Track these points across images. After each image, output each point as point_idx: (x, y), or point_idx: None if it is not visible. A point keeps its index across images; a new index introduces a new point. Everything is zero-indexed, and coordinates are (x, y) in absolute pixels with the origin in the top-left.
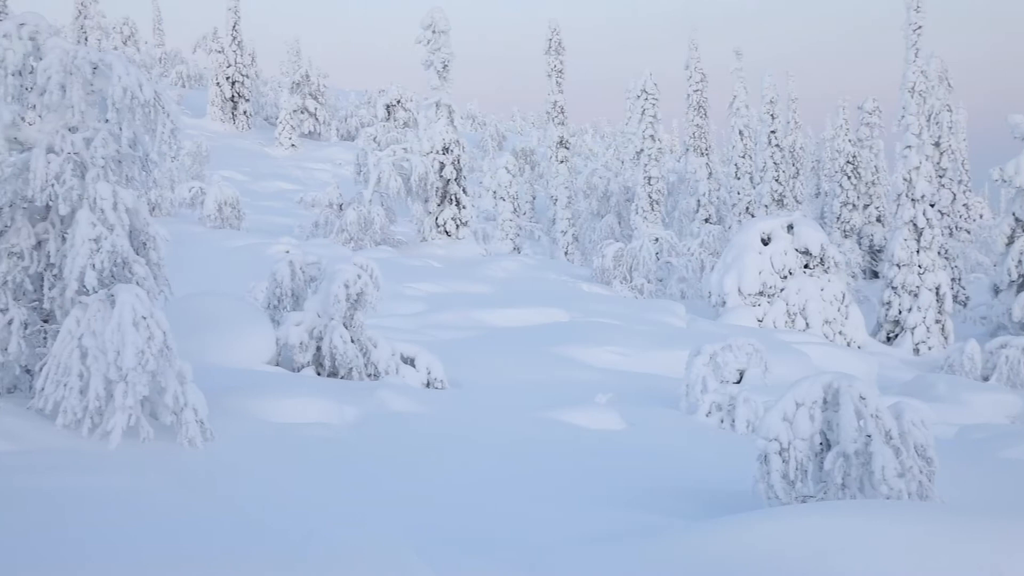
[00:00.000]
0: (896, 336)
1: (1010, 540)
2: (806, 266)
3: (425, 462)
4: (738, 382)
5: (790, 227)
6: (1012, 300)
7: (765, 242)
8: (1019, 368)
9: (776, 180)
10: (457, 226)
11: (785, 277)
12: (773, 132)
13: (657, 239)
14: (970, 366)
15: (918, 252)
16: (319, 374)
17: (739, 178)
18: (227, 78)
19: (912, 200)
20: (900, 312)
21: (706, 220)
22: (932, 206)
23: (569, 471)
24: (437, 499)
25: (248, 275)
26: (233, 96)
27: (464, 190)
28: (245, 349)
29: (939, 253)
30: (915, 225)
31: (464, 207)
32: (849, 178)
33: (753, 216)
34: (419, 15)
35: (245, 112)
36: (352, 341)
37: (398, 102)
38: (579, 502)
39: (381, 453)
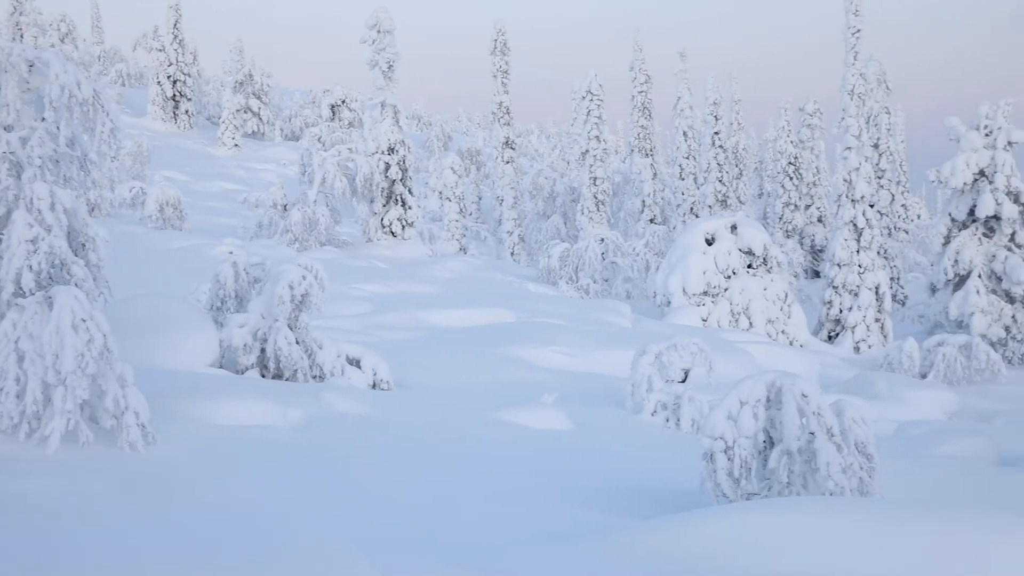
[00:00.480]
0: (837, 335)
1: (948, 534)
2: (749, 266)
3: (371, 464)
4: (683, 381)
5: (733, 227)
6: (948, 299)
7: (709, 242)
8: (955, 366)
9: (720, 181)
10: (403, 227)
11: (729, 277)
12: (717, 133)
13: (603, 239)
14: (908, 364)
15: (858, 252)
16: (263, 376)
17: (683, 179)
18: (168, 77)
19: (852, 201)
20: (841, 311)
21: (651, 220)
22: (871, 206)
23: (517, 471)
24: (384, 500)
25: (191, 276)
26: (175, 95)
27: (410, 190)
28: (188, 351)
29: (878, 253)
30: (855, 225)
31: (410, 207)
32: (791, 179)
33: (697, 216)
34: (364, 15)
35: (187, 111)
36: (297, 342)
37: (343, 102)
38: (528, 502)
39: (327, 455)
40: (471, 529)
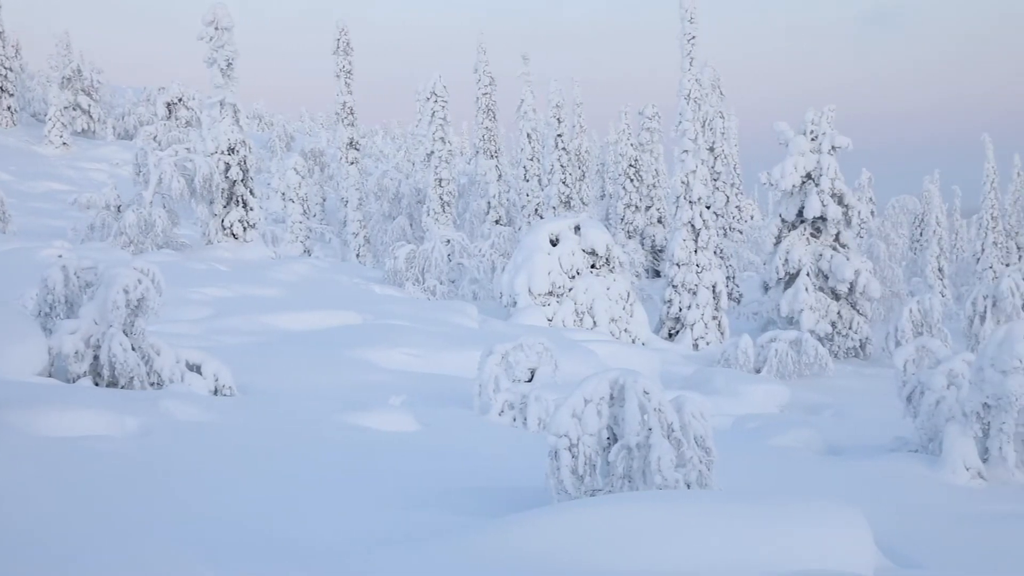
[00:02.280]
0: (677, 332)
1: (775, 521)
2: (593, 266)
3: (215, 471)
4: (529, 381)
5: (577, 228)
6: (780, 296)
7: (553, 243)
8: (787, 360)
9: (563, 183)
10: (244, 228)
11: (573, 277)
12: (560, 136)
13: (449, 240)
14: (744, 359)
15: (696, 252)
16: (97, 384)
17: (528, 180)
18: None
19: (690, 202)
20: (680, 309)
21: (496, 221)
22: (708, 208)
23: (364, 474)
24: (228, 508)
25: (16, 281)
26: None
27: (251, 191)
28: (13, 359)
29: (715, 253)
30: (693, 226)
31: (251, 209)
32: (632, 181)
33: (542, 218)
34: (202, 10)
35: (9, 108)
36: (133, 349)
37: (179, 100)
38: (375, 504)
39: (167, 465)
40: (323, 534)
